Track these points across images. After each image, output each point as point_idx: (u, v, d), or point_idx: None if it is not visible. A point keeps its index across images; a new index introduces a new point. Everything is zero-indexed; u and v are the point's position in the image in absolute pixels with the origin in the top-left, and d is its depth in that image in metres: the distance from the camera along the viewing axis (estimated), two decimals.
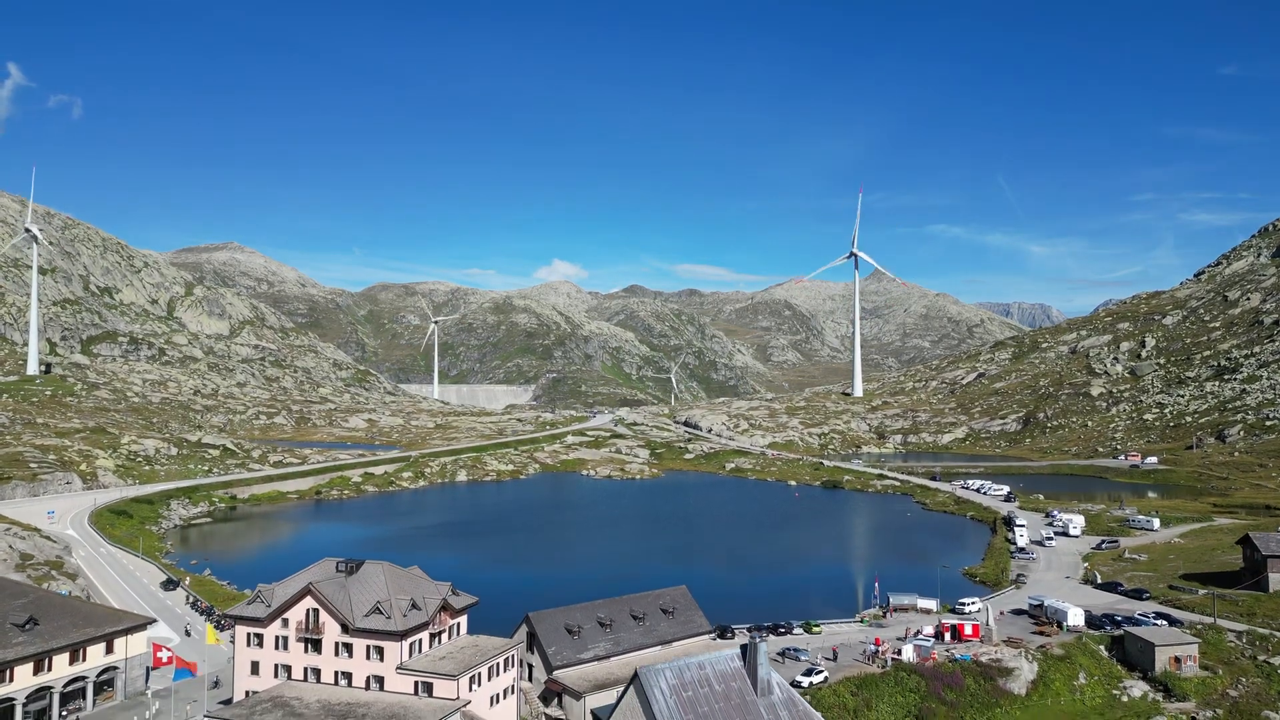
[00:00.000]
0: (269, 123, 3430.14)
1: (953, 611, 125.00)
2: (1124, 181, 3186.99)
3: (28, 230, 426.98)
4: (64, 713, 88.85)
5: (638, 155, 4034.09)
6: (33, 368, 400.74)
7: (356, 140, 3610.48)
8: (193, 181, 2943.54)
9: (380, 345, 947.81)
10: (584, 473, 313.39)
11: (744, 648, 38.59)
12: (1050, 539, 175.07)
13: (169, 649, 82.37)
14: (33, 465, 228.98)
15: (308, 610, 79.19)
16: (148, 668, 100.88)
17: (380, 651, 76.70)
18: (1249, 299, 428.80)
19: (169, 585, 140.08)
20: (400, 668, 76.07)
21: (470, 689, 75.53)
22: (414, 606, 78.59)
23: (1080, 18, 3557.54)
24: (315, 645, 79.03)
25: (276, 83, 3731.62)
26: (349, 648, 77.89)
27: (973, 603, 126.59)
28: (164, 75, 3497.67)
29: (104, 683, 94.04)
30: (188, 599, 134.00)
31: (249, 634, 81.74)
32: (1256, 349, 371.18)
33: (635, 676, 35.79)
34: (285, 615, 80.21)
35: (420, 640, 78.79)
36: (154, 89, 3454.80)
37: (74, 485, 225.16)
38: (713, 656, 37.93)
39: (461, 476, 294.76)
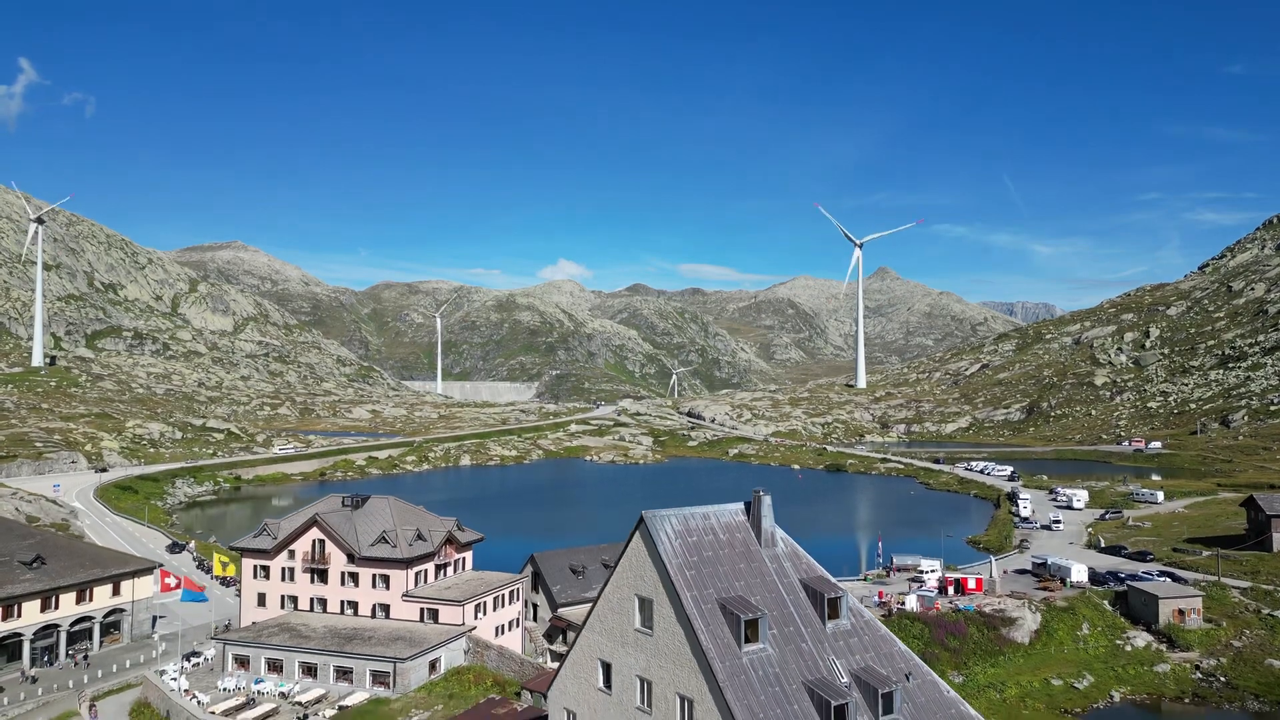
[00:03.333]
0: (275, 125, 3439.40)
1: (915, 581, 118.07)
2: (1129, 181, 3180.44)
3: (36, 220, 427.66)
4: (70, 651, 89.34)
5: (642, 156, 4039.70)
6: (37, 359, 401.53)
7: (363, 142, 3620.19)
8: (198, 181, 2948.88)
9: (384, 343, 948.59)
10: (587, 458, 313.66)
11: (748, 504, 38.90)
12: (1057, 521, 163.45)
13: (177, 575, 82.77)
14: (38, 444, 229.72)
15: (314, 541, 79.57)
16: (155, 616, 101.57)
17: (386, 580, 77.04)
18: (1253, 289, 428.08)
19: (175, 549, 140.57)
20: (406, 595, 76.38)
21: (476, 616, 75.83)
22: (419, 537, 78.95)
23: (1085, 17, 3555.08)
24: (321, 576, 79.39)
25: (282, 85, 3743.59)
26: (355, 577, 78.24)
27: (933, 570, 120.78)
28: (172, 76, 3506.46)
29: (111, 624, 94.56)
30: (190, 561, 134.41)
31: (255, 566, 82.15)
32: (1261, 337, 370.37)
33: (641, 520, 36.12)
34: (291, 547, 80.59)
35: (426, 570, 79.13)
36: (162, 90, 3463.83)
37: (79, 464, 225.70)
38: (717, 508, 38.23)
39: (465, 461, 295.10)
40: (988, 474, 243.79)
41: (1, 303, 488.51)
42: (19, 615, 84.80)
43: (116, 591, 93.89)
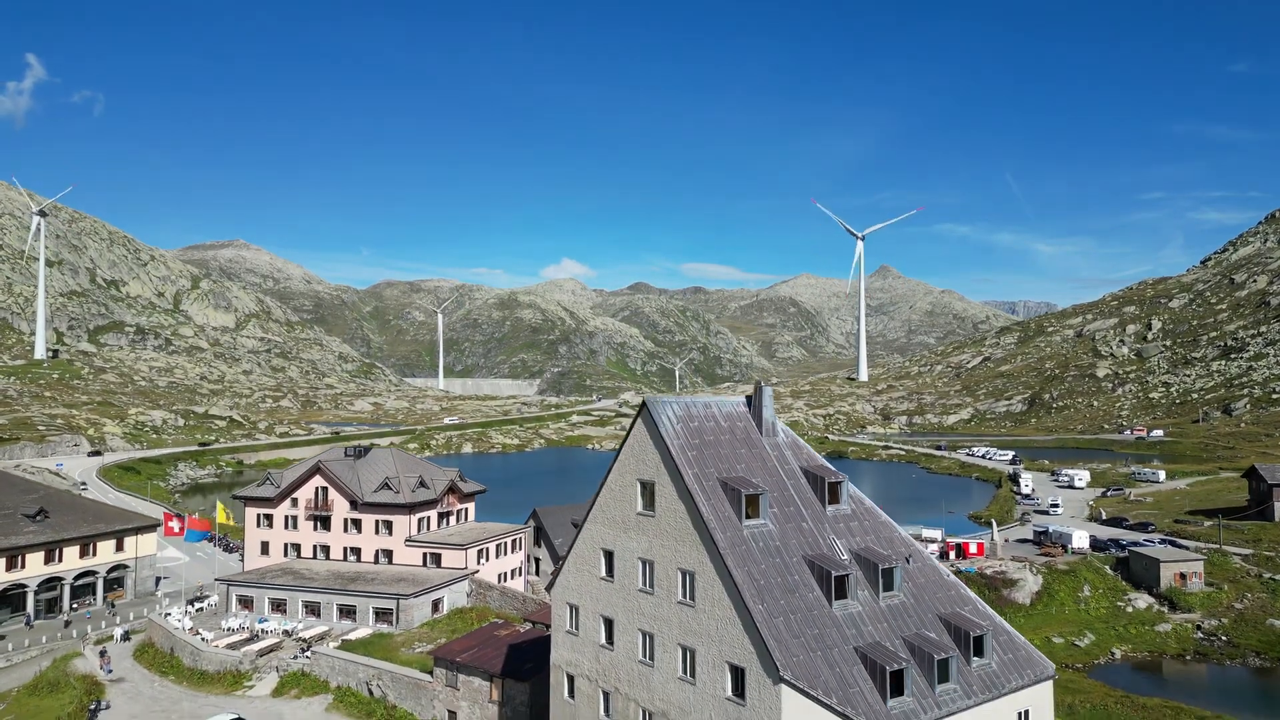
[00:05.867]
0: (278, 125, 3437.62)
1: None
2: (1133, 180, 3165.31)
3: (40, 213, 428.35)
4: (74, 605, 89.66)
5: (645, 156, 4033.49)
6: (40, 352, 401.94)
7: (365, 141, 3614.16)
8: (201, 180, 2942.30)
9: (385, 341, 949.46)
10: (589, 447, 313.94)
11: (749, 397, 39.16)
12: (1055, 504, 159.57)
13: (179, 518, 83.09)
14: (41, 428, 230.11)
15: (317, 489, 79.86)
16: (158, 577, 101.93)
17: (389, 526, 77.31)
18: (1255, 281, 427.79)
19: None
20: (409, 540, 76.67)
21: (478, 561, 76.09)
22: (422, 485, 79.25)
23: (1088, 15, 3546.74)
24: (324, 522, 79.68)
25: (285, 84, 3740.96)
26: (358, 523, 78.53)
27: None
28: (177, 75, 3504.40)
29: (115, 580, 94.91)
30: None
31: (259, 515, 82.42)
32: (1263, 328, 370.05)
33: (643, 404, 36.38)
34: (294, 495, 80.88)
35: (429, 517, 79.41)
36: (167, 88, 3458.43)
37: (82, 447, 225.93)
38: (718, 399, 38.43)
39: (467, 449, 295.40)
40: (989, 459, 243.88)
41: (4, 298, 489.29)
42: (22, 566, 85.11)
43: (120, 547, 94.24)
